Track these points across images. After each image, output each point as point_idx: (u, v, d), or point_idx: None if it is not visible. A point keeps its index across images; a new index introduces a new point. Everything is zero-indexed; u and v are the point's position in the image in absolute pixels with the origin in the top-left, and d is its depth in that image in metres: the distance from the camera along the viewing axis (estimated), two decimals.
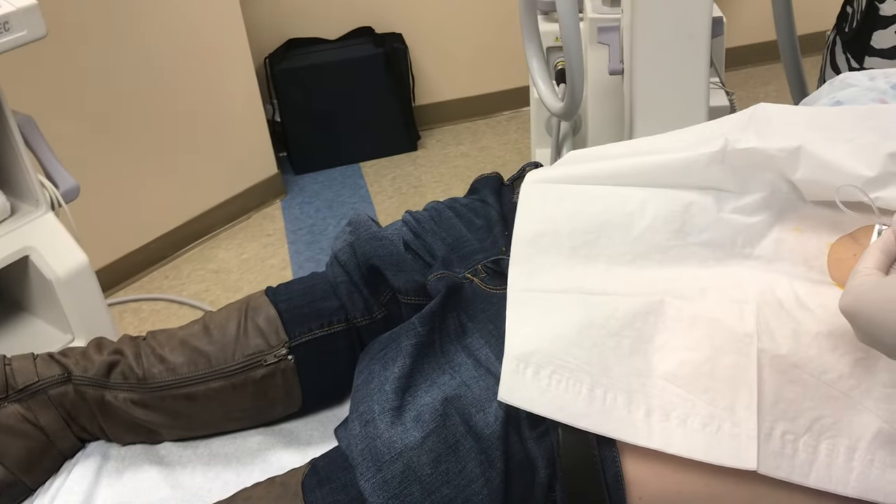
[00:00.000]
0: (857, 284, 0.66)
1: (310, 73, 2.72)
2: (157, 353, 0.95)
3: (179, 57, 2.30)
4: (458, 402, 0.77)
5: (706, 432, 0.72)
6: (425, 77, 2.97)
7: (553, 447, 0.74)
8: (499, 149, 2.90)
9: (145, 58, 2.21)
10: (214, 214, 2.56)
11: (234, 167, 2.57)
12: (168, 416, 0.95)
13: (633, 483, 0.74)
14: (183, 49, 2.30)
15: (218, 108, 2.46)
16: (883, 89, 0.89)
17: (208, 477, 0.94)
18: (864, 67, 1.40)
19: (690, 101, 1.43)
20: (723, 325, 0.75)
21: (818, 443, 0.70)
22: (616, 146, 0.96)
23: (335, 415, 1.00)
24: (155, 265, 2.45)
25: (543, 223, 0.85)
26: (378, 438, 0.75)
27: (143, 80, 2.23)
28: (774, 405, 0.71)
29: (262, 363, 0.93)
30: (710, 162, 0.83)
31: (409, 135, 2.93)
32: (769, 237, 0.82)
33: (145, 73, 2.22)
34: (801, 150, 0.80)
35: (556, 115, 1.61)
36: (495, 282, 0.88)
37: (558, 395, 0.74)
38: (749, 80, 3.15)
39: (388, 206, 2.65)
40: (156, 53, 2.23)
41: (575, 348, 0.76)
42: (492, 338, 0.82)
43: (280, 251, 2.49)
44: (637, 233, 0.83)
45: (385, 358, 0.83)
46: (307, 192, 2.78)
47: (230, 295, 2.33)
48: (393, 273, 0.93)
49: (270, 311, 0.95)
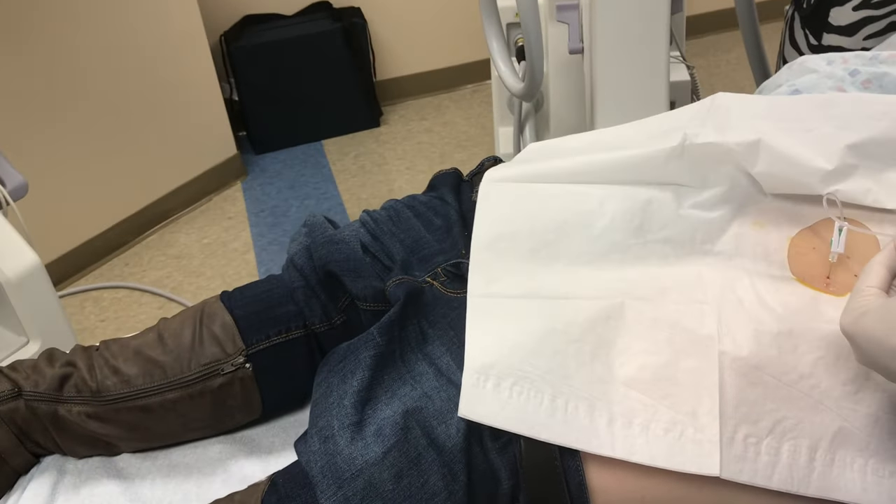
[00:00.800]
0: (861, 305, 0.65)
1: (267, 50, 2.67)
2: (111, 365, 0.92)
3: (131, 37, 2.23)
4: (419, 414, 0.76)
5: (668, 439, 0.71)
6: (386, 51, 2.92)
7: (516, 458, 0.74)
8: (463, 123, 2.88)
9: (96, 38, 2.14)
10: (173, 198, 2.51)
11: (192, 149, 2.52)
12: (125, 429, 0.93)
13: (597, 491, 0.73)
14: (135, 28, 2.24)
15: (173, 88, 2.40)
16: (841, 76, 0.88)
17: (168, 489, 0.92)
18: (822, 44, 1.39)
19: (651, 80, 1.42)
20: (683, 328, 0.74)
21: (780, 444, 0.70)
22: (575, 139, 0.94)
23: (297, 420, 0.98)
24: (114, 252, 2.40)
25: (502, 225, 0.84)
26: (338, 455, 0.74)
27: (94, 61, 2.16)
28: (736, 408, 0.71)
29: (220, 372, 0.91)
30: (669, 157, 0.82)
31: (371, 111, 2.89)
32: (729, 232, 0.82)
33: (96, 54, 2.16)
34: (760, 143, 0.79)
35: (517, 96, 1.58)
36: (455, 285, 0.87)
37: (519, 408, 0.73)
38: (710, 48, 3.14)
39: (351, 185, 2.62)
40: (106, 33, 2.17)
41: (536, 358, 0.74)
42: (452, 345, 0.81)
43: (242, 234, 2.45)
44: (596, 232, 0.82)
45: (344, 370, 0.81)
46: (268, 172, 2.73)
47: (192, 280, 2.29)
48: (351, 279, 0.91)
49: (226, 318, 0.93)
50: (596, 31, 1.38)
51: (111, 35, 2.19)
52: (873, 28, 1.31)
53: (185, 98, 2.45)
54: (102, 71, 2.19)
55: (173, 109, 2.42)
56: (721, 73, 3.00)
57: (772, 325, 0.73)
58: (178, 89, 2.42)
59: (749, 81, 1.79)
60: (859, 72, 0.87)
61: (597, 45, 1.39)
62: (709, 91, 2.92)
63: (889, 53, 0.87)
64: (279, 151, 2.83)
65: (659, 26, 1.36)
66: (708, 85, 2.91)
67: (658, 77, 1.41)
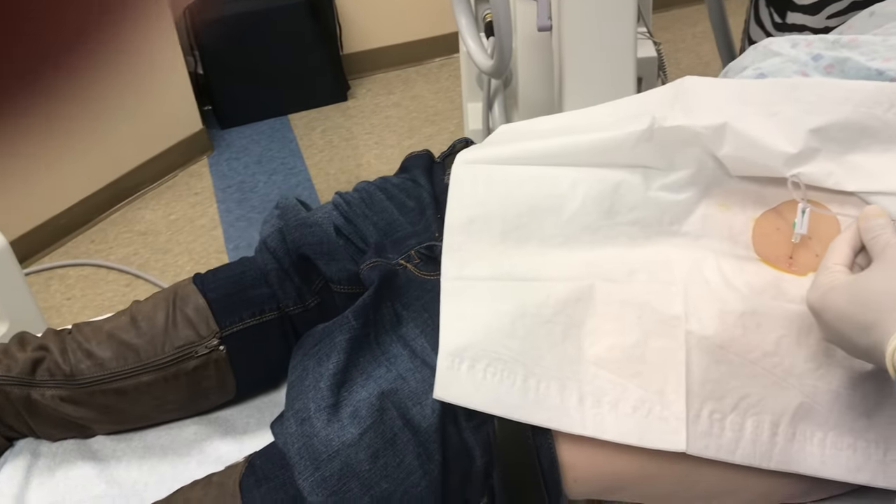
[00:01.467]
0: (827, 282, 0.68)
1: (232, 22, 2.63)
2: (84, 348, 0.92)
3: (93, 10, 2.19)
4: (394, 395, 0.77)
5: (637, 416, 0.73)
6: (353, 24, 2.90)
7: (489, 436, 0.76)
8: (431, 98, 2.87)
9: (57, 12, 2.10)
10: (138, 174, 2.48)
11: (157, 123, 2.48)
12: (99, 412, 0.93)
13: (568, 467, 0.75)
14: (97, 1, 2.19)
15: (136, 61, 2.36)
16: (804, 61, 0.90)
17: (143, 470, 0.93)
18: (786, 22, 1.41)
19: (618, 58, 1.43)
20: (651, 308, 0.76)
21: (744, 420, 0.73)
22: (546, 121, 0.95)
23: (271, 400, 0.99)
24: (79, 229, 2.37)
25: (474, 208, 0.85)
26: (315, 437, 0.75)
27: (56, 35, 2.12)
28: (702, 386, 0.73)
29: (194, 354, 0.91)
30: (638, 140, 0.83)
31: (339, 85, 2.86)
32: (696, 213, 0.84)
33: (57, 28, 2.11)
34: (727, 126, 0.80)
35: (486, 74, 1.59)
36: (429, 267, 0.88)
37: (493, 389, 0.75)
38: (676, 21, 3.15)
39: (319, 160, 2.61)
40: (68, 6, 2.12)
41: (509, 339, 0.76)
42: (427, 327, 0.82)
43: (209, 210, 2.43)
44: (567, 215, 0.83)
45: (319, 353, 0.82)
46: (234, 147, 2.71)
47: (159, 257, 2.27)
48: (324, 262, 0.91)
49: (199, 301, 0.93)
50: (564, 9, 1.38)
51: (73, 9, 2.14)
52: (836, 7, 1.33)
53: (150, 72, 2.40)
54: (64, 45, 2.15)
55: (137, 84, 2.38)
56: (687, 46, 3.02)
57: (736, 304, 0.75)
58: (141, 63, 2.37)
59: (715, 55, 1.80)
60: (822, 56, 0.88)
61: (564, 23, 1.40)
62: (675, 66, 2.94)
63: (850, 37, 0.89)
64: (245, 126, 2.80)
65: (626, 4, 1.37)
66: (674, 59, 2.93)
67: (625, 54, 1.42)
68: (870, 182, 0.77)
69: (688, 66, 2.91)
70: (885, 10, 1.01)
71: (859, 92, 0.79)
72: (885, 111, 0.77)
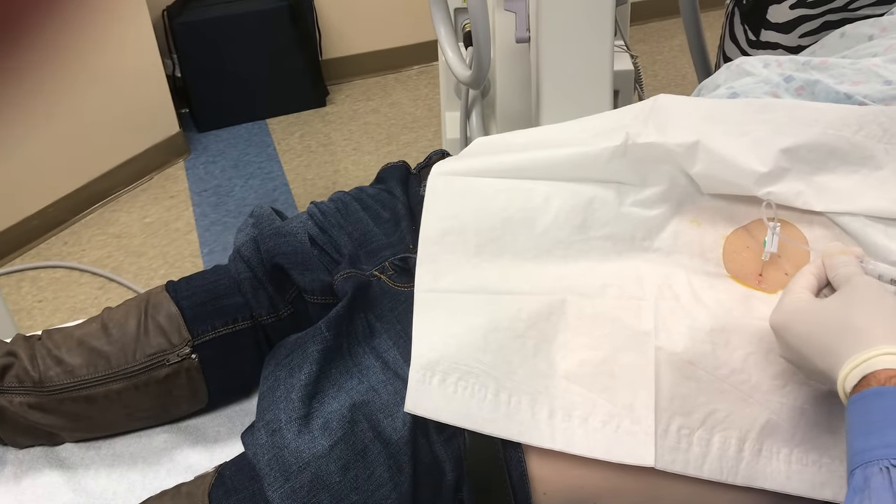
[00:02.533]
0: (790, 302, 0.69)
1: (211, 26, 2.62)
2: (54, 355, 0.92)
3: (70, 11, 2.17)
4: (366, 407, 0.77)
5: (606, 431, 0.74)
6: (332, 30, 2.90)
7: (460, 450, 0.76)
8: (409, 105, 2.87)
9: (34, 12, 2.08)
10: (114, 176, 2.46)
11: (134, 125, 2.47)
12: (68, 419, 0.92)
13: (538, 480, 0.76)
14: (74, 2, 2.17)
15: (113, 63, 2.34)
16: (776, 82, 0.91)
17: (112, 479, 0.92)
18: (760, 39, 1.42)
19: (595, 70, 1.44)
20: (622, 324, 0.77)
21: (711, 436, 0.74)
22: (522, 135, 0.96)
23: (242, 409, 0.99)
24: (52, 231, 2.35)
25: (449, 220, 0.85)
26: (285, 448, 0.75)
27: (31, 35, 2.10)
28: (671, 401, 0.74)
29: (165, 363, 0.91)
30: (612, 156, 0.84)
31: (317, 90, 2.86)
32: (668, 229, 0.85)
33: (33, 28, 2.09)
34: (699, 144, 0.81)
35: (464, 84, 1.59)
36: (403, 279, 0.88)
37: (464, 403, 0.75)
38: (653, 34, 3.19)
39: (296, 165, 2.60)
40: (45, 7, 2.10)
41: (481, 353, 0.76)
42: (399, 339, 0.82)
43: (185, 214, 2.42)
44: (541, 229, 0.84)
45: (291, 364, 0.82)
46: (211, 150, 2.70)
47: (133, 260, 2.26)
48: (298, 272, 0.91)
49: (172, 309, 0.93)
50: (542, 22, 1.39)
51: (48, 10, 2.12)
52: (809, 27, 1.35)
53: (127, 74, 2.39)
54: (40, 45, 2.13)
55: (114, 85, 2.36)
56: (664, 59, 3.05)
57: (706, 321, 0.76)
58: (119, 65, 2.36)
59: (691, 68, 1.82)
60: (793, 78, 0.90)
61: (542, 35, 1.41)
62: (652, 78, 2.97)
63: (821, 60, 0.91)
64: (223, 130, 2.79)
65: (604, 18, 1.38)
66: (651, 72, 2.96)
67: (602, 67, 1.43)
68: (838, 203, 0.78)
69: (665, 78, 2.94)
70: (855, 32, 1.03)
71: (828, 114, 0.80)
72: (854, 133, 0.79)
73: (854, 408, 0.61)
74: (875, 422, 0.59)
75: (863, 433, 0.59)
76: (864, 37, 1.01)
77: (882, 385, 0.59)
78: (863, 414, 0.60)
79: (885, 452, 0.57)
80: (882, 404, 0.59)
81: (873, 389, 0.60)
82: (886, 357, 0.60)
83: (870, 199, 0.77)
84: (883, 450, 0.57)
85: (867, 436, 0.58)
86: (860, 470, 0.57)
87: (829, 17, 1.31)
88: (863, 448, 0.58)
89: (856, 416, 0.60)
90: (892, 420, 0.58)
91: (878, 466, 0.56)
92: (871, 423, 0.59)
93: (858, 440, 0.59)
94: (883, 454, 0.57)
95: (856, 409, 0.61)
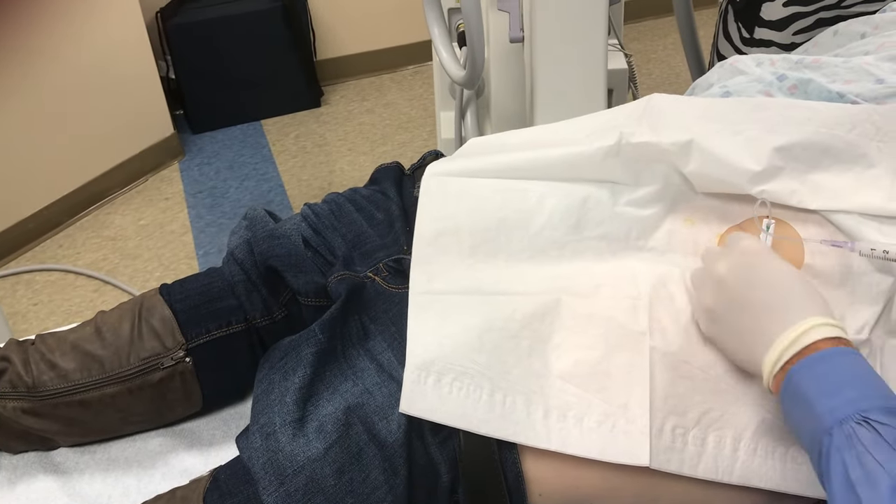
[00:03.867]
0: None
1: (205, 27, 2.61)
2: (48, 359, 0.91)
3: (63, 12, 2.17)
4: (360, 410, 0.77)
5: (601, 431, 0.74)
6: (326, 30, 2.89)
7: (455, 452, 0.76)
8: (404, 105, 2.87)
9: (25, 15, 2.07)
10: (109, 178, 2.45)
11: (128, 127, 2.46)
12: (62, 424, 0.92)
13: (533, 481, 0.76)
14: (67, 4, 2.17)
15: (107, 65, 2.34)
16: (769, 81, 0.91)
17: (107, 483, 0.92)
18: (753, 37, 1.42)
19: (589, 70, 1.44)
20: (617, 323, 0.77)
21: (706, 435, 0.74)
22: (515, 135, 0.96)
23: (238, 412, 0.99)
24: (47, 234, 2.34)
25: (444, 221, 0.85)
26: (280, 452, 0.75)
27: (23, 37, 2.09)
28: (665, 401, 0.74)
29: (159, 366, 0.90)
30: (606, 155, 0.84)
31: (312, 91, 2.86)
32: (662, 229, 0.84)
33: (25, 30, 2.09)
34: (693, 143, 0.81)
35: (459, 84, 1.59)
36: (397, 281, 0.88)
37: (459, 403, 0.75)
38: (647, 32, 3.18)
39: (291, 166, 2.60)
40: (36, 10, 2.10)
41: (475, 353, 0.76)
42: (394, 341, 0.82)
43: (180, 215, 2.42)
44: (535, 229, 0.84)
45: (285, 367, 0.82)
46: (206, 152, 2.69)
47: (128, 262, 2.25)
48: (292, 274, 0.91)
49: (165, 312, 0.92)
50: (536, 21, 1.39)
51: (41, 12, 2.12)
52: (802, 24, 1.35)
53: (121, 76, 2.38)
54: (33, 48, 2.13)
55: (108, 87, 2.36)
56: (658, 57, 3.05)
57: None
58: (112, 67, 2.35)
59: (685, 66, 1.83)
60: (786, 77, 0.90)
61: (536, 35, 1.41)
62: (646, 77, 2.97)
63: (813, 58, 0.91)
64: (217, 131, 2.78)
65: (597, 17, 1.38)
66: (645, 70, 2.96)
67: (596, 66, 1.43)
68: (832, 201, 0.78)
69: (659, 77, 2.93)
70: (848, 30, 1.03)
71: (822, 113, 0.80)
72: (847, 132, 0.79)
73: (801, 375, 0.63)
74: (831, 382, 0.61)
75: (823, 395, 0.61)
76: (856, 34, 1.01)
77: (820, 350, 0.63)
78: (813, 379, 0.62)
79: (854, 408, 0.59)
80: (829, 366, 0.62)
81: (815, 355, 0.63)
82: (822, 328, 0.64)
83: (863, 196, 0.77)
84: (849, 406, 0.59)
85: (828, 397, 0.61)
86: (837, 428, 0.59)
87: (823, 15, 1.31)
88: (829, 408, 0.60)
89: (808, 382, 0.62)
90: (844, 378, 0.61)
91: (853, 421, 0.58)
92: (825, 384, 0.62)
93: (821, 402, 0.61)
94: (853, 409, 0.59)
95: (803, 375, 0.63)
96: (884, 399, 0.60)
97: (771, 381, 0.67)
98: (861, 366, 0.63)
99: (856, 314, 0.76)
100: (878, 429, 0.57)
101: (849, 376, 0.62)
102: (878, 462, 0.56)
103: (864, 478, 0.56)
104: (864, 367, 0.63)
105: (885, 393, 0.61)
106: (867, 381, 0.61)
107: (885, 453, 0.56)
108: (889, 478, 0.55)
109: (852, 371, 0.62)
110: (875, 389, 0.61)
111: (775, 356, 0.65)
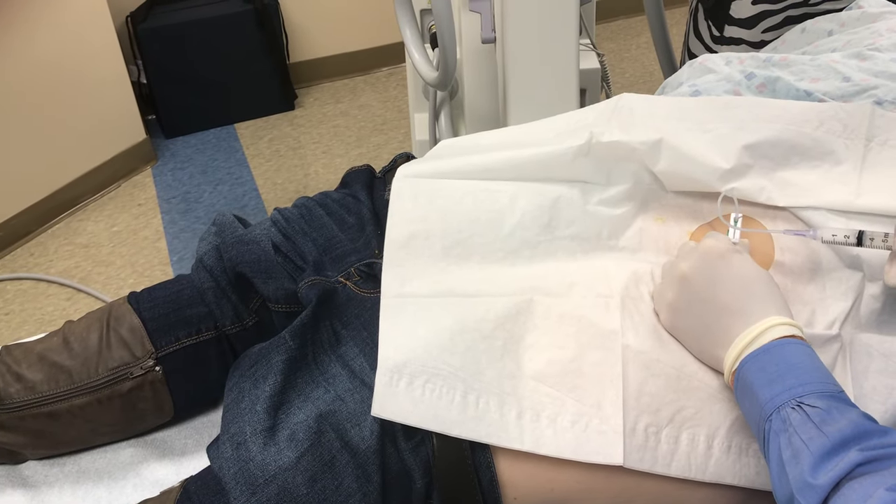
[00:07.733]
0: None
1: (176, 31, 2.59)
2: (14, 371, 0.90)
3: (32, 17, 2.14)
4: (332, 417, 0.76)
5: (575, 430, 0.74)
6: (299, 33, 2.88)
7: (429, 457, 0.75)
8: (378, 107, 2.86)
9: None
10: (80, 185, 2.43)
11: (99, 133, 2.44)
12: (30, 436, 0.90)
13: (508, 484, 0.75)
14: (36, 8, 2.14)
15: (77, 70, 2.31)
16: (738, 80, 0.92)
17: (78, 496, 0.90)
18: (724, 35, 1.43)
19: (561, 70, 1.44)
20: (589, 322, 0.77)
21: (679, 433, 0.74)
22: (486, 136, 0.96)
23: (209, 420, 0.97)
24: (18, 242, 2.31)
25: (415, 223, 0.84)
26: (251, 461, 0.74)
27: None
28: (638, 399, 0.74)
29: (129, 376, 0.89)
30: (577, 155, 0.84)
31: (285, 94, 2.84)
32: (633, 227, 0.85)
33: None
34: (662, 142, 0.81)
35: (432, 86, 1.59)
36: (369, 285, 0.87)
37: (432, 405, 0.74)
38: (620, 32, 3.20)
39: (266, 170, 2.58)
40: (6, 14, 2.07)
41: (448, 355, 0.76)
42: (366, 346, 0.81)
43: (153, 221, 2.39)
44: (507, 230, 0.84)
45: (255, 375, 0.81)
46: (179, 156, 2.67)
47: (102, 270, 2.23)
48: (261, 281, 0.90)
49: (134, 321, 0.91)
50: (507, 22, 1.39)
51: (10, 15, 2.09)
52: (771, 21, 1.35)
53: (91, 81, 2.36)
54: (2, 52, 2.09)
55: (78, 93, 2.33)
56: (631, 56, 3.06)
57: None
58: (82, 72, 2.33)
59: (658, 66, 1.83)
60: (755, 75, 0.90)
61: (508, 35, 1.41)
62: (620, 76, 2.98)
63: (781, 56, 0.91)
64: (190, 135, 2.76)
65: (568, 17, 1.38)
66: (618, 70, 2.97)
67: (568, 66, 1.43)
68: (800, 197, 0.79)
69: (632, 76, 2.95)
70: (816, 27, 1.03)
71: (790, 111, 0.81)
72: (815, 129, 0.79)
73: (748, 367, 0.67)
74: (772, 372, 0.65)
75: (766, 384, 0.65)
76: (823, 32, 1.02)
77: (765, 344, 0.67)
78: (758, 370, 0.66)
79: (791, 394, 0.63)
80: (772, 357, 0.66)
81: (761, 348, 0.67)
82: (780, 328, 0.67)
83: (831, 192, 0.78)
84: (787, 392, 0.63)
85: (770, 385, 0.64)
86: (776, 414, 0.63)
87: (791, 13, 1.32)
88: (770, 396, 0.64)
89: (754, 374, 0.66)
90: (785, 368, 0.64)
91: (789, 406, 0.62)
92: (768, 374, 0.65)
93: (763, 391, 0.64)
94: (789, 396, 0.63)
95: (749, 368, 0.67)
96: (821, 385, 0.63)
97: (730, 378, 0.70)
98: (803, 354, 0.66)
99: (826, 310, 0.76)
100: (808, 411, 0.61)
101: (790, 365, 0.65)
102: (804, 441, 0.60)
103: (791, 457, 0.60)
104: (806, 355, 0.66)
105: (822, 379, 0.64)
106: (807, 369, 0.64)
107: (810, 432, 0.60)
108: (811, 455, 0.59)
109: (794, 360, 0.65)
110: (814, 376, 0.64)
111: (735, 354, 0.68)
